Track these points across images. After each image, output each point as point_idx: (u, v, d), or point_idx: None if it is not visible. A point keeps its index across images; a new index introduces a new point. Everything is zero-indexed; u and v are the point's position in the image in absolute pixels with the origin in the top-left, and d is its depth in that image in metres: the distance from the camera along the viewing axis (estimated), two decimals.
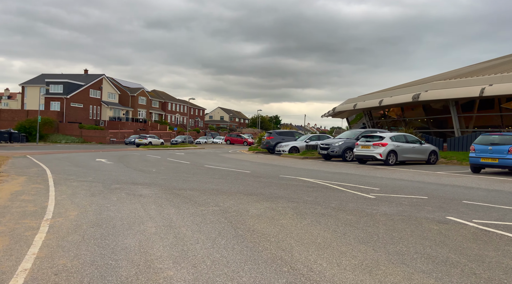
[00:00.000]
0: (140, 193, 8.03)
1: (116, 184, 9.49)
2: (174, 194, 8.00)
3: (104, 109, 64.91)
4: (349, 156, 18.68)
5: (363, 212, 6.20)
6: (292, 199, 7.48)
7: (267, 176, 11.76)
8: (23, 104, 64.17)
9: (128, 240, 4.47)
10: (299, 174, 12.63)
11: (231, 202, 7.08)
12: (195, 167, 15.33)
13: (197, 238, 4.56)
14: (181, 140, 53.80)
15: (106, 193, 8.00)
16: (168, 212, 6.08)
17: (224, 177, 11.34)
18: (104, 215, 5.80)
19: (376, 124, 33.14)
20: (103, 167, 14.73)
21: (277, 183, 9.95)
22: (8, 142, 41.98)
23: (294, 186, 9.46)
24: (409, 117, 28.51)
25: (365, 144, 16.56)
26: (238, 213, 6.07)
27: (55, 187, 8.94)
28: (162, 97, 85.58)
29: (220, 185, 9.44)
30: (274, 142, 26.18)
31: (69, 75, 65.92)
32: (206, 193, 8.18)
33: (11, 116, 56.64)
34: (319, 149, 19.58)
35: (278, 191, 8.48)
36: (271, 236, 4.68)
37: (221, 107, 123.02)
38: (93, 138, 53.98)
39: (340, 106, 33.19)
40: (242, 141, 57.38)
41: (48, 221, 5.39)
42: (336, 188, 9.16)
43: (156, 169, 14.23)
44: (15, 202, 6.94)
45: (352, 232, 4.93)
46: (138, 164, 16.58)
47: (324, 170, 14.10)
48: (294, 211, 6.28)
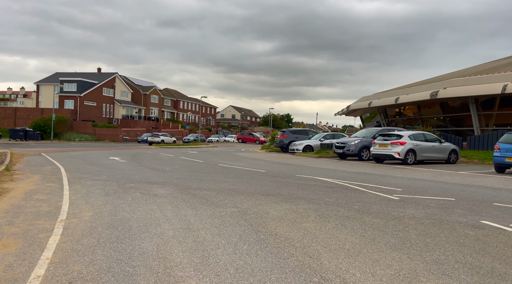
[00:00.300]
0: (155, 193, 7.83)
1: (131, 183, 9.33)
2: (190, 194, 7.78)
3: (117, 108, 65.41)
4: (365, 155, 18.25)
5: (389, 215, 5.87)
6: (312, 200, 7.18)
7: (283, 176, 11.48)
8: (38, 102, 65.09)
9: (145, 244, 4.24)
10: (316, 173, 12.31)
11: (249, 203, 6.82)
12: (209, 165, 15.13)
13: (218, 243, 4.31)
14: (193, 138, 53.83)
15: (120, 193, 7.83)
16: (185, 213, 5.85)
17: (239, 176, 11.10)
18: (119, 216, 5.60)
19: (391, 122, 32.50)
20: (117, 165, 14.64)
21: (295, 183, 9.66)
22: (24, 139, 42.55)
23: (312, 186, 9.16)
24: (425, 116, 27.85)
25: (383, 143, 16.12)
26: (258, 215, 5.81)
27: (69, 185, 8.81)
28: (174, 96, 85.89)
29: (236, 185, 9.19)
30: (288, 141, 25.85)
31: (83, 74, 66.61)
32: (223, 193, 7.94)
33: (27, 114, 57.49)
34: (335, 148, 19.19)
35: (297, 192, 8.19)
36: (295, 241, 4.40)
37: (233, 106, 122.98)
38: (106, 137, 54.41)
39: (355, 104, 32.64)
40: (254, 139, 57.16)
41: (62, 222, 5.21)
42: (357, 188, 8.82)
43: (170, 167, 14.08)
44: (29, 201, 6.81)
45: (381, 237, 4.62)
46: (151, 162, 16.47)
47: (341, 169, 13.74)
48: (316, 213, 5.99)
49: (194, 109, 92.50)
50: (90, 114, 59.58)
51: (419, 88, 25.48)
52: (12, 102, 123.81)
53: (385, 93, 30.37)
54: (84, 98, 58.70)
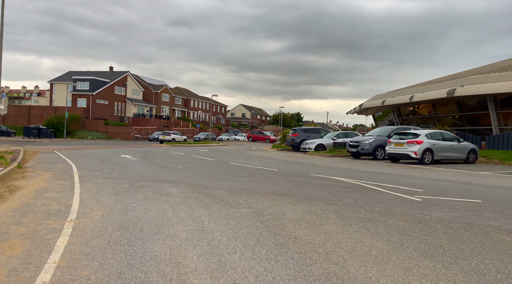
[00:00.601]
0: (167, 192, 7.61)
1: (142, 181, 9.14)
2: (203, 193, 7.54)
3: (129, 106, 65.79)
4: (380, 154, 17.80)
5: (414, 218, 5.53)
6: (330, 201, 6.87)
7: (297, 175, 11.17)
8: (51, 100, 65.84)
9: (157, 246, 4.00)
10: (330, 172, 11.97)
11: (264, 203, 6.55)
12: (221, 164, 14.90)
13: (234, 246, 4.04)
14: (204, 137, 53.81)
15: (132, 191, 7.63)
16: (199, 214, 5.60)
17: (252, 175, 10.83)
18: (130, 216, 5.38)
19: (404, 121, 31.87)
20: (128, 163, 14.51)
21: (310, 183, 9.35)
22: (37, 137, 43.02)
23: (328, 186, 8.84)
24: (441, 114, 27.19)
25: (399, 142, 15.67)
26: (275, 216, 5.53)
27: (80, 183, 8.66)
28: (185, 94, 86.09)
29: (249, 184, 8.92)
30: (299, 139, 25.48)
31: (95, 72, 67.12)
32: (236, 192, 7.68)
33: (40, 112, 58.19)
34: (348, 147, 18.78)
35: (313, 192, 7.88)
36: (317, 246, 4.11)
37: (243, 104, 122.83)
38: (118, 135, 54.74)
39: (367, 102, 32.09)
40: (265, 138, 56.85)
41: (71, 222, 5.01)
42: (375, 189, 8.47)
43: (181, 165, 13.89)
44: (39, 199, 6.65)
45: (410, 242, 4.29)
46: (162, 160, 16.32)
47: (356, 169, 13.37)
48: (336, 215, 5.68)
49: (205, 108, 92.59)
50: (102, 112, 60.02)
51: (435, 86, 24.85)
52: (27, 100, 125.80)
53: (399, 91, 29.75)
54: (96, 97, 59.15)
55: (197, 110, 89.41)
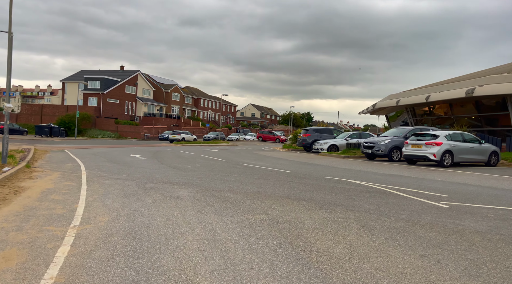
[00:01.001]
0: (177, 195, 7.25)
1: (151, 183, 8.80)
2: (213, 196, 7.16)
3: (139, 105, 65.96)
4: (396, 155, 17.22)
5: (445, 228, 5.05)
6: (350, 207, 6.42)
7: (311, 177, 10.72)
8: (63, 99, 66.42)
9: (166, 259, 3.62)
10: (346, 175, 11.49)
11: (280, 209, 6.13)
12: (231, 165, 14.52)
13: (250, 260, 3.64)
14: (214, 136, 53.59)
15: (140, 194, 7.28)
16: (210, 220, 5.21)
17: (264, 177, 10.42)
18: (137, 222, 5.02)
19: (419, 122, 31.10)
20: (138, 163, 14.24)
21: (325, 186, 8.90)
22: (49, 136, 43.27)
23: (345, 190, 8.38)
24: (458, 115, 26.40)
25: (416, 143, 15.08)
26: (292, 224, 5.11)
27: (88, 185, 8.36)
28: (195, 94, 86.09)
29: (262, 187, 8.52)
30: (311, 140, 24.98)
31: (106, 71, 67.46)
32: (248, 196, 7.28)
33: (52, 111, 58.67)
34: (363, 148, 18.23)
35: (330, 196, 7.44)
36: (343, 260, 3.68)
37: (253, 104, 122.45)
38: (128, 134, 54.86)
39: (381, 102, 31.38)
40: (275, 138, 56.39)
41: (75, 229, 4.67)
42: (396, 193, 7.99)
43: (191, 166, 13.55)
44: (43, 202, 6.34)
45: (447, 257, 3.83)
46: (172, 160, 16.02)
47: (373, 171, 12.86)
48: (359, 223, 5.24)
49: (214, 108, 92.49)
50: (113, 111, 60.26)
51: (452, 86, 24.09)
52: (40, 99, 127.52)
53: (414, 91, 28.99)
54: (107, 96, 59.40)
55: (207, 109, 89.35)
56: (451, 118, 26.52)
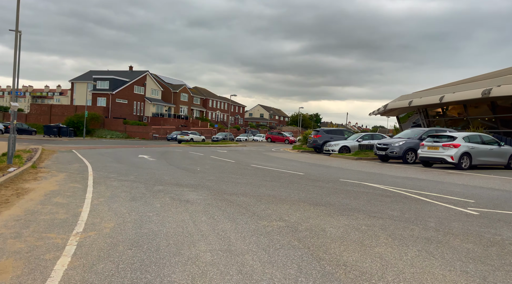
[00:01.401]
0: (187, 198, 6.87)
1: (159, 185, 8.45)
2: (226, 200, 6.77)
3: (148, 106, 66.00)
4: (411, 157, 16.67)
5: (482, 238, 4.59)
6: (372, 213, 5.98)
7: (326, 180, 10.28)
8: (72, 99, 66.75)
9: (176, 274, 3.23)
10: (361, 178, 11.03)
11: (297, 214, 5.72)
12: (242, 166, 14.14)
13: (271, 276, 3.24)
14: (222, 137, 53.31)
15: (148, 197, 6.93)
16: (224, 228, 4.83)
17: (276, 180, 10.01)
18: (145, 229, 4.65)
19: (431, 123, 30.41)
20: (146, 164, 13.93)
21: (342, 189, 8.46)
22: (57, 136, 43.35)
23: (363, 193, 7.93)
24: (472, 116, 25.69)
25: (433, 145, 14.53)
26: (313, 232, 4.70)
27: (94, 187, 8.03)
28: (203, 94, 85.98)
29: (275, 190, 8.11)
30: (322, 141, 24.48)
31: (115, 71, 67.64)
32: (263, 200, 6.88)
33: (61, 111, 58.92)
34: (376, 149, 17.71)
35: (349, 201, 7.00)
36: (375, 277, 3.26)
37: (261, 105, 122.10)
38: (137, 134, 54.85)
39: (393, 103, 30.75)
40: (284, 139, 55.93)
41: (77, 236, 4.31)
42: (418, 198, 7.52)
43: (201, 167, 13.20)
44: (46, 205, 6.01)
45: (493, 275, 3.39)
46: (181, 161, 15.69)
47: (388, 174, 12.37)
48: (385, 232, 4.80)
49: (223, 108, 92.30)
50: (121, 111, 60.35)
51: (467, 86, 23.42)
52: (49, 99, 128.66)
53: (427, 92, 28.33)
54: (116, 96, 59.49)
55: (215, 110, 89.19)
56: (465, 119, 25.82)
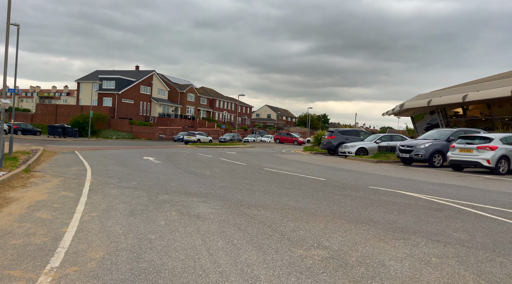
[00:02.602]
0: (197, 212, 5.68)
1: (165, 194, 7.27)
2: (244, 215, 5.56)
3: (154, 106, 65.12)
4: (438, 160, 15.31)
5: None
6: (432, 234, 4.72)
7: (353, 187, 9.03)
8: (78, 99, 66.11)
9: None
10: (393, 184, 9.75)
11: (339, 238, 4.49)
12: (254, 170, 12.92)
13: None
14: (230, 138, 52.17)
15: (150, 210, 5.74)
16: (248, 259, 3.61)
17: (297, 187, 8.79)
18: (144, 263, 3.45)
19: (450, 123, 28.96)
20: (150, 167, 12.78)
21: (377, 200, 7.20)
22: (61, 136, 42.53)
23: (406, 206, 6.67)
24: (497, 116, 24.22)
25: (466, 147, 13.18)
26: (370, 269, 3.46)
27: (88, 196, 6.88)
28: (210, 94, 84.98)
29: (300, 201, 6.88)
30: (337, 142, 23.18)
31: (121, 71, 66.87)
32: (289, 215, 5.67)
33: (67, 111, 58.24)
34: (399, 151, 16.36)
35: (393, 216, 5.75)
36: None
37: (268, 105, 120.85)
38: (143, 135, 53.93)
39: (410, 102, 29.31)
40: (293, 140, 54.61)
41: (49, 276, 3.12)
42: (475, 212, 6.23)
43: (210, 171, 12.02)
44: (25, 223, 4.85)
45: None
46: (188, 164, 14.52)
47: (421, 180, 11.06)
48: (468, 269, 3.55)
49: (230, 109, 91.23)
50: (128, 112, 59.51)
51: (491, 84, 21.96)
52: (56, 100, 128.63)
53: (446, 90, 26.88)
54: (122, 96, 58.66)
55: (222, 110, 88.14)
56: (490, 119, 24.34)
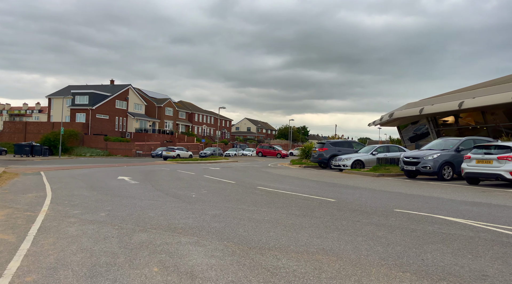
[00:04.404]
0: (190, 266, 3.84)
1: (142, 232, 5.39)
2: (260, 267, 3.78)
3: (130, 121, 62.41)
4: (448, 173, 13.95)
5: None
6: None
7: (375, 211, 7.39)
8: (49, 116, 62.65)
9: None
10: (420, 206, 8.17)
11: None
12: (247, 189, 11.13)
13: None
14: (210, 152, 50.11)
15: (121, 265, 3.87)
16: None
17: (309, 213, 7.07)
18: None
19: (440, 132, 28.14)
20: (125, 189, 10.79)
21: (424, 232, 5.56)
22: (30, 155, 39.40)
23: (468, 240, 5.05)
24: (491, 124, 23.43)
25: (484, 158, 11.84)
26: None
27: (35, 241, 4.93)
28: (189, 108, 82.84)
29: (326, 237, 5.16)
30: (329, 154, 21.69)
31: (95, 86, 64.06)
32: (323, 265, 3.93)
33: (37, 128, 54.88)
34: (403, 164, 14.93)
35: (471, 262, 4.11)
36: None
37: (248, 118, 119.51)
38: (119, 151, 51.15)
39: (399, 112, 28.32)
40: (275, 153, 53.12)
41: None
42: None
43: (196, 192, 10.17)
44: None
45: None
46: (169, 184, 12.58)
47: (447, 198, 9.54)
48: None
49: (209, 122, 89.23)
50: (102, 127, 56.61)
51: (488, 90, 21.14)
52: (28, 117, 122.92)
53: (437, 98, 26.04)
54: (96, 111, 55.82)
55: (201, 124, 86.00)
56: (485, 127, 23.51)
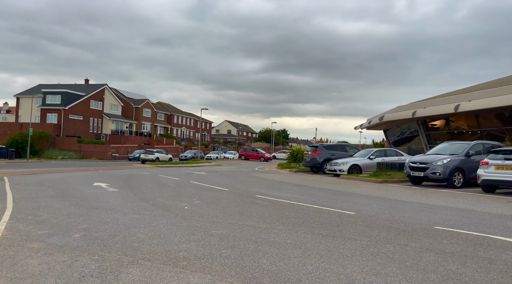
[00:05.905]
0: None
1: (132, 267, 3.89)
2: None
3: (106, 122, 59.59)
4: (458, 180, 12.96)
5: None
6: None
7: (414, 229, 6.14)
8: (17, 116, 58.94)
9: None
10: (458, 221, 7.00)
11: None
12: (245, 199, 9.70)
13: None
14: (191, 155, 48.26)
15: None
16: None
17: (337, 233, 5.75)
18: None
19: (430, 136, 27.60)
20: (104, 199, 9.14)
21: (500, 261, 4.32)
22: None
23: None
24: (485, 128, 22.94)
25: (504, 164, 10.87)
26: None
27: None
28: (168, 110, 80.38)
29: (386, 275, 3.84)
30: (322, 159, 20.51)
31: (68, 85, 60.85)
32: None
33: (3, 130, 51.32)
34: (409, 169, 13.85)
35: None
36: None
37: (228, 121, 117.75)
38: (93, 154, 48.47)
39: (390, 115, 27.55)
40: (259, 156, 51.78)
41: None
42: None
43: (188, 203, 8.67)
44: None
45: None
46: (154, 191, 10.98)
47: (477, 210, 8.44)
48: None
49: (189, 124, 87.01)
50: (76, 129, 53.66)
51: (484, 93, 20.56)
52: None
53: (431, 101, 25.37)
54: (69, 112, 52.83)
55: (181, 126, 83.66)
56: (478, 131, 22.98)
